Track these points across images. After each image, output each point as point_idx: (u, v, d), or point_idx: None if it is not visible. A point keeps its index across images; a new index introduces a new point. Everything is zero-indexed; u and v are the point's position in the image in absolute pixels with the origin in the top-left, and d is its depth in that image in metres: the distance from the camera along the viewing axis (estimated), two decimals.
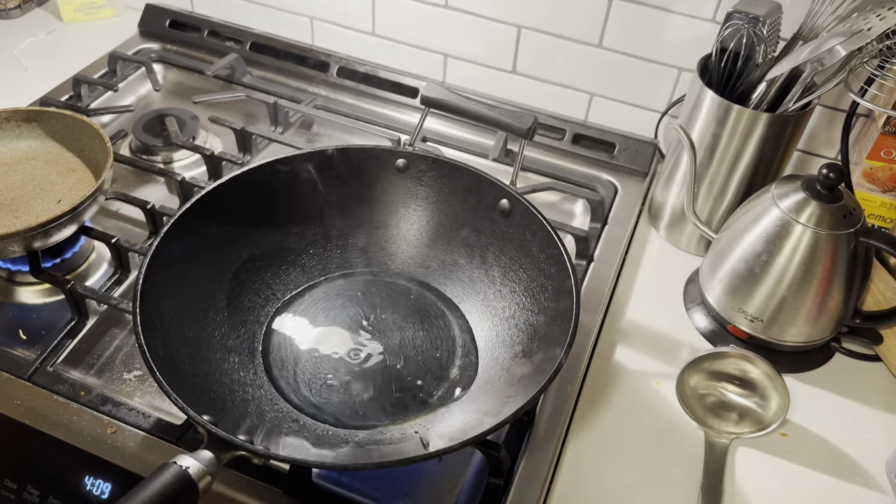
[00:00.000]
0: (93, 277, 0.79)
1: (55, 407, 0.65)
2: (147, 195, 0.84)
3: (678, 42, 0.88)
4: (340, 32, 1.05)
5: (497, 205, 0.73)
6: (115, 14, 1.15)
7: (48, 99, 0.96)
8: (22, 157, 0.80)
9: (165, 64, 1.07)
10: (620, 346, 0.75)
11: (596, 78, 0.95)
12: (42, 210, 0.75)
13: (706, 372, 0.69)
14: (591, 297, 0.78)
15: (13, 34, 1.11)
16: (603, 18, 0.90)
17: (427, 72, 1.03)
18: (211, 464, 0.51)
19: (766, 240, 0.69)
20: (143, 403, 0.67)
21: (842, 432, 0.69)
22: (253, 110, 1.01)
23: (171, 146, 0.91)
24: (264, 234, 0.74)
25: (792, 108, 0.73)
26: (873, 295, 0.73)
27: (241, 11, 1.09)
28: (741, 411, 0.68)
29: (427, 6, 0.97)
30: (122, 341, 0.72)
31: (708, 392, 0.69)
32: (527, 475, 0.62)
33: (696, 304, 0.78)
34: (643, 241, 0.87)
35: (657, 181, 0.88)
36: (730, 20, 0.73)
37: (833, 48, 0.66)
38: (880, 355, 0.75)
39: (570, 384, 0.70)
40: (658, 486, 0.64)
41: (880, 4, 0.66)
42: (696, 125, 0.76)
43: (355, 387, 0.68)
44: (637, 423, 0.68)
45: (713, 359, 0.69)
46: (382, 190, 0.77)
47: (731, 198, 0.79)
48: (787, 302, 0.69)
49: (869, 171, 0.81)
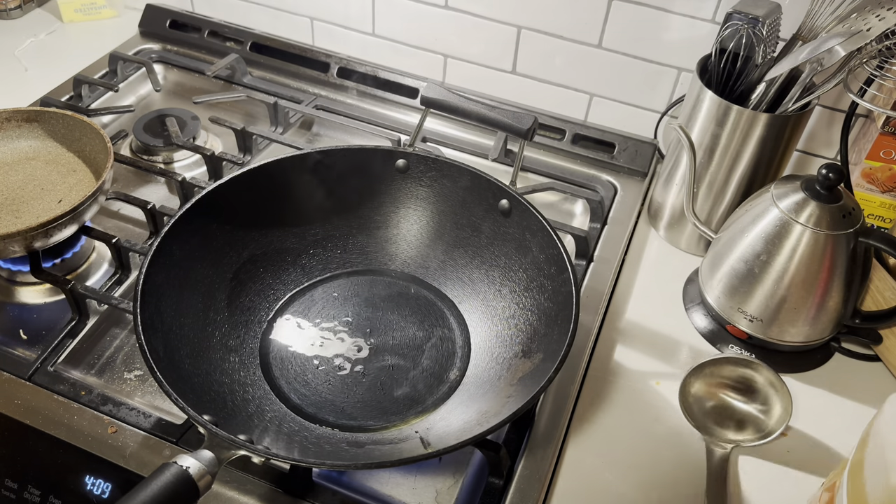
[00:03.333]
0: (93, 277, 0.79)
1: (55, 407, 0.65)
2: (147, 195, 0.84)
3: (678, 42, 0.88)
4: (340, 33, 1.05)
5: (497, 205, 0.73)
6: (116, 14, 1.15)
7: (49, 99, 0.96)
8: (22, 157, 0.80)
9: (166, 64, 1.07)
10: (620, 346, 0.75)
11: (596, 78, 0.95)
12: (43, 210, 0.75)
13: (709, 378, 0.69)
14: (590, 298, 0.78)
15: (13, 34, 1.11)
16: (603, 19, 0.90)
17: (427, 72, 1.03)
18: (211, 464, 0.52)
19: (765, 240, 0.69)
20: (143, 403, 0.67)
21: (841, 432, 0.69)
22: (253, 110, 1.01)
23: (171, 146, 0.91)
24: (264, 234, 0.75)
25: (791, 108, 0.73)
26: (872, 295, 0.73)
27: (241, 11, 1.09)
28: (743, 418, 0.68)
29: (427, 6, 0.97)
30: (122, 341, 0.72)
31: (710, 399, 0.69)
32: (527, 475, 0.62)
33: (696, 304, 0.78)
34: (643, 241, 0.87)
35: (657, 181, 0.88)
36: (729, 20, 0.73)
37: (832, 48, 0.66)
38: (879, 355, 0.75)
39: (570, 384, 0.70)
40: (658, 486, 0.64)
41: (879, 5, 0.66)
42: (696, 125, 0.77)
43: (355, 387, 0.68)
44: (637, 423, 0.68)
45: (716, 365, 0.69)
46: (382, 190, 0.77)
47: (731, 198, 0.80)
48: (786, 302, 0.69)
49: (868, 171, 0.81)
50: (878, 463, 0.49)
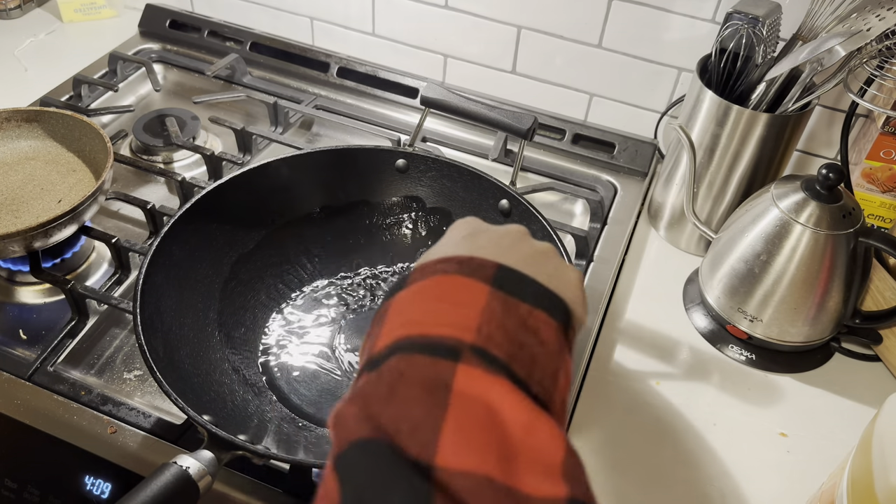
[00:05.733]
0: (93, 277, 0.79)
1: (55, 407, 0.65)
2: (147, 195, 0.84)
3: (678, 42, 0.88)
4: (340, 32, 1.05)
5: (497, 205, 0.73)
6: (115, 14, 1.15)
7: (48, 99, 0.96)
8: (22, 157, 0.80)
9: (165, 64, 1.07)
10: (620, 346, 0.75)
11: (596, 78, 0.95)
12: (42, 210, 0.75)
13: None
14: (590, 298, 0.78)
15: (13, 34, 1.11)
16: (603, 19, 0.90)
17: (427, 72, 1.03)
18: (211, 464, 0.52)
19: (765, 240, 0.69)
20: (143, 403, 0.67)
21: (841, 432, 0.69)
22: (253, 110, 1.01)
23: (171, 146, 0.91)
24: (264, 235, 0.75)
25: (791, 108, 0.73)
26: (872, 295, 0.73)
27: (241, 11, 1.09)
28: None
29: (427, 6, 0.97)
30: (122, 341, 0.72)
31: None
32: None
33: (696, 304, 0.78)
34: (643, 241, 0.87)
35: (657, 181, 0.88)
36: (729, 20, 0.73)
37: (832, 48, 0.66)
38: (879, 355, 0.75)
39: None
40: (658, 486, 0.64)
41: (879, 5, 0.66)
42: (696, 125, 0.77)
43: None
44: (637, 423, 0.68)
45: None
46: (382, 190, 0.77)
47: (731, 198, 0.80)
48: (786, 302, 0.69)
49: (868, 171, 0.81)
50: (878, 463, 0.49)
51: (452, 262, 0.36)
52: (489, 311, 0.33)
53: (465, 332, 0.32)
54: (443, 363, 0.30)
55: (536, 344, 0.33)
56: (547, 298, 0.36)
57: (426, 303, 0.34)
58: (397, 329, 0.33)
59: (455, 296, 0.34)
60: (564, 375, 0.34)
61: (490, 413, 0.29)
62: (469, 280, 0.35)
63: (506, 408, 0.29)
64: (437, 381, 0.30)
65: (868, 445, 0.51)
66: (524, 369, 0.32)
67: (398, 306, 0.35)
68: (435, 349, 0.31)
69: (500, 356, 0.31)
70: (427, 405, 0.29)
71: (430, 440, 0.28)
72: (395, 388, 0.30)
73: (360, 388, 0.31)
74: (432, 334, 0.32)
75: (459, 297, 0.34)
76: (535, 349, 0.33)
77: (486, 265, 0.36)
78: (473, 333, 0.32)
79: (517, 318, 0.33)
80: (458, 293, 0.34)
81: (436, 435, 0.28)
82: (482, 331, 0.32)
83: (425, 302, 0.34)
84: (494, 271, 0.35)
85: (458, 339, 0.32)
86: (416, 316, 0.34)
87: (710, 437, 0.68)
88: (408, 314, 0.34)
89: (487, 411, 0.29)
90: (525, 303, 0.34)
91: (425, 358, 0.31)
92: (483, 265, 0.36)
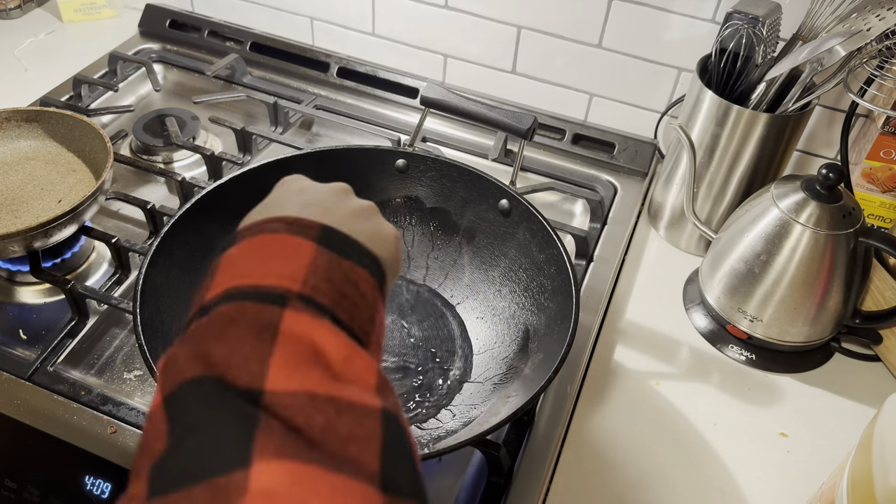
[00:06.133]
0: (93, 277, 0.79)
1: (55, 407, 0.65)
2: (147, 195, 0.84)
3: (678, 42, 0.88)
4: (340, 32, 1.05)
5: (497, 205, 0.73)
6: (115, 14, 1.15)
7: (48, 99, 0.96)
8: (22, 157, 0.80)
9: (165, 64, 1.07)
10: (620, 345, 0.75)
11: (596, 78, 0.95)
12: (42, 210, 0.75)
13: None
14: (590, 297, 0.78)
15: (13, 34, 1.11)
16: (603, 19, 0.90)
17: (427, 72, 1.03)
18: None
19: (765, 240, 0.69)
20: (143, 403, 0.67)
21: (841, 432, 0.69)
22: (253, 110, 1.01)
23: (171, 146, 0.91)
24: None
25: (791, 108, 0.73)
26: (872, 295, 0.73)
27: (241, 11, 1.09)
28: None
29: (427, 6, 0.97)
30: (122, 341, 0.72)
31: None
32: (527, 475, 0.62)
33: (696, 304, 0.78)
34: (643, 241, 0.87)
35: (657, 181, 0.88)
36: (729, 20, 0.73)
37: (832, 48, 0.66)
38: (879, 355, 0.75)
39: (569, 384, 0.70)
40: (658, 486, 0.64)
41: (880, 5, 0.66)
42: (696, 125, 0.77)
43: None
44: (637, 423, 0.68)
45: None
46: (382, 190, 0.77)
47: (731, 198, 0.80)
48: (786, 302, 0.69)
49: (868, 171, 0.81)
50: (878, 463, 0.49)
51: (281, 222, 0.39)
52: (314, 265, 0.36)
53: (293, 282, 0.34)
54: (271, 308, 0.33)
55: (357, 295, 0.36)
56: (367, 257, 0.39)
57: (256, 258, 0.37)
58: (228, 280, 0.35)
59: (283, 252, 0.37)
60: (380, 320, 0.38)
61: (314, 347, 0.32)
62: (296, 238, 0.37)
63: (328, 344, 0.32)
64: (265, 322, 0.32)
65: (868, 445, 0.51)
66: (346, 314, 0.35)
67: (228, 261, 0.37)
68: (264, 297, 0.33)
69: (325, 303, 0.34)
70: (257, 342, 0.31)
71: (259, 371, 0.30)
72: (225, 329, 0.32)
73: (191, 331, 0.33)
74: (261, 284, 0.34)
75: (287, 252, 0.37)
76: (356, 299, 0.36)
77: (312, 226, 0.38)
78: (300, 284, 0.34)
79: (340, 273, 0.36)
80: (286, 250, 0.37)
81: (265, 366, 0.30)
82: (308, 282, 0.35)
83: (255, 257, 0.37)
84: (319, 231, 0.38)
85: (286, 287, 0.34)
86: (245, 269, 0.36)
87: (710, 437, 0.68)
88: (238, 267, 0.36)
89: (312, 346, 0.32)
90: (349, 260, 0.38)
91: (255, 304, 0.33)
92: (310, 226, 0.38)
